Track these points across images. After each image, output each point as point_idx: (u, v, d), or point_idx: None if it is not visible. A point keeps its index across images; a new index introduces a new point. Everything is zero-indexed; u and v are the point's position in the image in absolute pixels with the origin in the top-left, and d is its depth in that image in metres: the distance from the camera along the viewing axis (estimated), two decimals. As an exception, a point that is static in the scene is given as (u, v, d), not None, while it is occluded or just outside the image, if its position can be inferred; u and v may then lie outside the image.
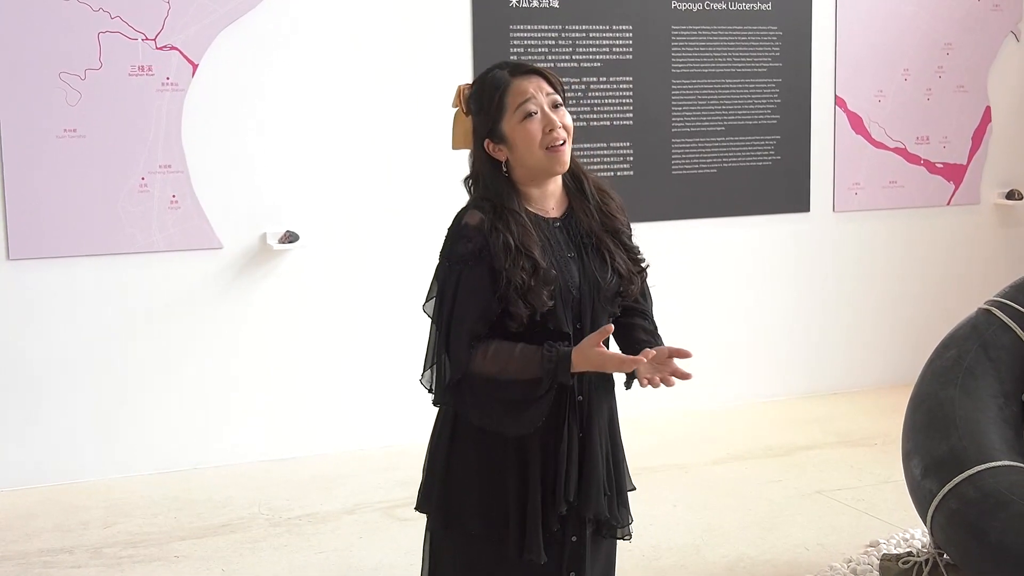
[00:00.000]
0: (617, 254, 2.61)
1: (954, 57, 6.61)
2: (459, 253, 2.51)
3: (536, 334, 2.51)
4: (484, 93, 2.58)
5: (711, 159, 6.15)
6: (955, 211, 6.77)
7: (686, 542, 4.41)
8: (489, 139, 2.57)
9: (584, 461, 2.58)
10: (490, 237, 2.48)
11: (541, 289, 2.47)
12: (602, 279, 2.58)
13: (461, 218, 2.56)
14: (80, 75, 5.03)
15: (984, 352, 3.71)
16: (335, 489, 5.04)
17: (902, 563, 3.78)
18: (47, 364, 5.13)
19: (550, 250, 2.54)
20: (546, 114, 2.54)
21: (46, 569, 4.26)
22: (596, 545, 2.70)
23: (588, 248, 2.60)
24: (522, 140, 2.53)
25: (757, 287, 6.36)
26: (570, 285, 2.54)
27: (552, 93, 2.57)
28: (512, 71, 2.57)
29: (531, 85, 2.55)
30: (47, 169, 5.02)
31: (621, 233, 2.66)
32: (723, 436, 5.75)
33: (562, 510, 2.55)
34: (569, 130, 2.57)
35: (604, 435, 2.65)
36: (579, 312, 2.56)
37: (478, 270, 2.48)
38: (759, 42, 6.18)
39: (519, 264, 2.46)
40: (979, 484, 3.41)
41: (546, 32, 5.73)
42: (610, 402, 2.70)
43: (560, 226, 2.61)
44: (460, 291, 2.49)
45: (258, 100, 5.33)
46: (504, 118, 2.54)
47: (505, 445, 2.56)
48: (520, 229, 2.50)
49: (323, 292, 5.47)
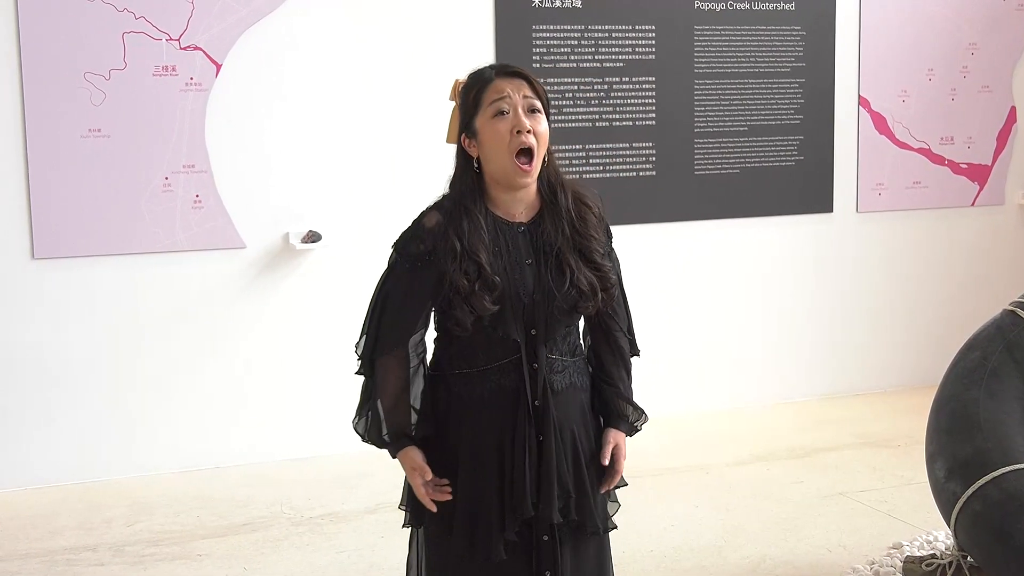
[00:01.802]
0: (579, 269, 2.59)
1: (979, 57, 6.58)
2: (409, 252, 2.58)
3: (485, 340, 2.55)
4: (467, 87, 2.63)
5: (734, 159, 6.13)
6: (979, 212, 6.73)
7: (708, 543, 4.40)
8: (464, 133, 2.61)
9: (540, 466, 2.57)
10: (439, 241, 2.53)
11: (483, 294, 2.49)
12: (557, 290, 2.56)
13: (422, 217, 2.61)
14: (105, 75, 5.06)
15: (1009, 353, 3.69)
16: (356, 488, 5.05)
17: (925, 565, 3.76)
18: (71, 363, 5.15)
19: (504, 255, 2.55)
20: (517, 115, 2.54)
21: (69, 567, 4.28)
22: (582, 544, 2.68)
23: (549, 258, 2.59)
24: (489, 137, 2.55)
25: (780, 288, 6.34)
26: (521, 292, 2.55)
27: (531, 97, 2.57)
28: (498, 70, 2.60)
29: (509, 85, 2.56)
30: (71, 169, 5.04)
31: (591, 251, 2.63)
32: (745, 437, 5.74)
33: (526, 514, 2.55)
34: (541, 138, 2.56)
35: (568, 437, 2.63)
36: (532, 319, 2.56)
37: (422, 274, 2.56)
38: (782, 42, 6.17)
39: (463, 268, 2.50)
40: (1004, 486, 3.40)
41: (569, 32, 5.73)
42: (581, 401, 2.68)
43: (524, 231, 2.61)
44: (400, 286, 2.59)
45: (281, 100, 5.35)
46: (478, 113, 2.57)
47: (456, 448, 2.59)
48: (472, 233, 2.53)
49: (345, 292, 5.47)
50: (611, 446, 2.70)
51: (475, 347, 2.57)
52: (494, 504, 2.56)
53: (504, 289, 2.52)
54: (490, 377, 2.57)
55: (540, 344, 2.57)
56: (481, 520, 2.56)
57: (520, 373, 2.56)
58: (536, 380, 2.57)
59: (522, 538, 2.59)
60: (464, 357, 2.59)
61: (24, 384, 5.10)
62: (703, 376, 6.18)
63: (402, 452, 2.60)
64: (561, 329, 2.61)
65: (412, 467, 2.59)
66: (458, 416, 2.60)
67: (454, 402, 2.61)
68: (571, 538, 2.64)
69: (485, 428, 2.57)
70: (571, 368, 2.65)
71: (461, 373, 2.60)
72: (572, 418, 2.64)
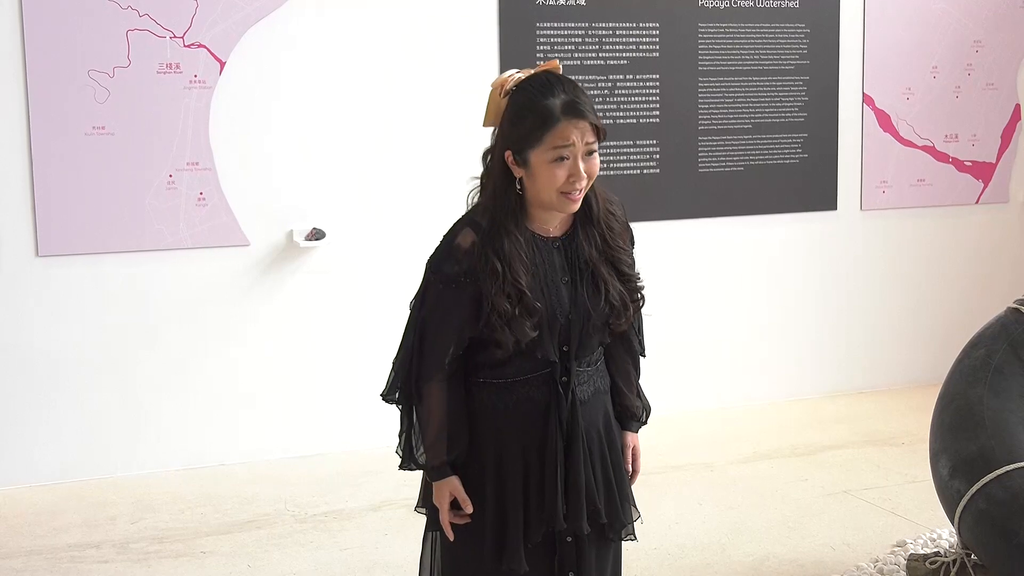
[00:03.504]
0: (611, 284, 2.58)
1: (983, 55, 6.57)
2: (445, 272, 2.52)
3: (522, 361, 2.54)
4: (528, 113, 2.48)
5: (738, 157, 6.13)
6: (984, 209, 6.72)
7: (712, 541, 4.40)
8: (511, 153, 2.51)
9: (568, 477, 2.57)
10: (479, 261, 2.48)
11: (524, 319, 2.47)
12: (593, 308, 2.56)
13: (455, 235, 2.54)
14: (109, 73, 5.06)
15: (1013, 351, 3.69)
16: (361, 486, 5.05)
17: (929, 563, 3.75)
18: (75, 360, 5.16)
19: (541, 275, 2.53)
20: (576, 164, 2.46)
21: (73, 564, 4.28)
22: (603, 546, 2.69)
23: (584, 274, 2.57)
24: (543, 178, 2.47)
25: (784, 285, 6.34)
26: (558, 312, 2.53)
27: (592, 142, 2.48)
28: (565, 110, 2.45)
29: (576, 132, 2.45)
30: (75, 166, 5.05)
31: (621, 263, 2.63)
32: (749, 435, 5.74)
33: (558, 527, 2.56)
34: (593, 176, 2.51)
35: (595, 443, 2.64)
36: (567, 337, 2.55)
37: (459, 293, 2.50)
38: (786, 39, 6.16)
39: (505, 291, 2.46)
40: (1008, 484, 3.39)
41: (573, 30, 5.73)
42: (605, 405, 2.69)
43: (559, 247, 2.58)
44: (439, 309, 2.53)
45: (285, 97, 5.35)
46: (537, 149, 2.46)
47: (484, 456, 2.58)
48: (513, 253, 2.49)
49: (349, 289, 5.48)
50: (630, 449, 2.76)
51: (507, 359, 2.54)
52: (520, 515, 2.56)
53: (542, 312, 2.50)
54: (518, 389, 2.56)
55: (571, 359, 2.56)
56: (510, 531, 2.56)
57: (550, 387, 2.56)
58: (566, 394, 2.56)
59: (545, 539, 2.59)
60: (491, 366, 2.57)
61: (28, 381, 5.11)
62: (707, 374, 6.18)
63: (444, 480, 2.57)
64: (594, 345, 2.61)
65: (451, 494, 2.57)
66: (483, 424, 2.59)
67: (479, 409, 2.59)
68: (595, 541, 2.65)
69: (512, 439, 2.57)
70: (595, 375, 2.65)
71: (487, 382, 2.58)
72: (597, 423, 2.65)
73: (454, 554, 2.65)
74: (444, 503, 2.57)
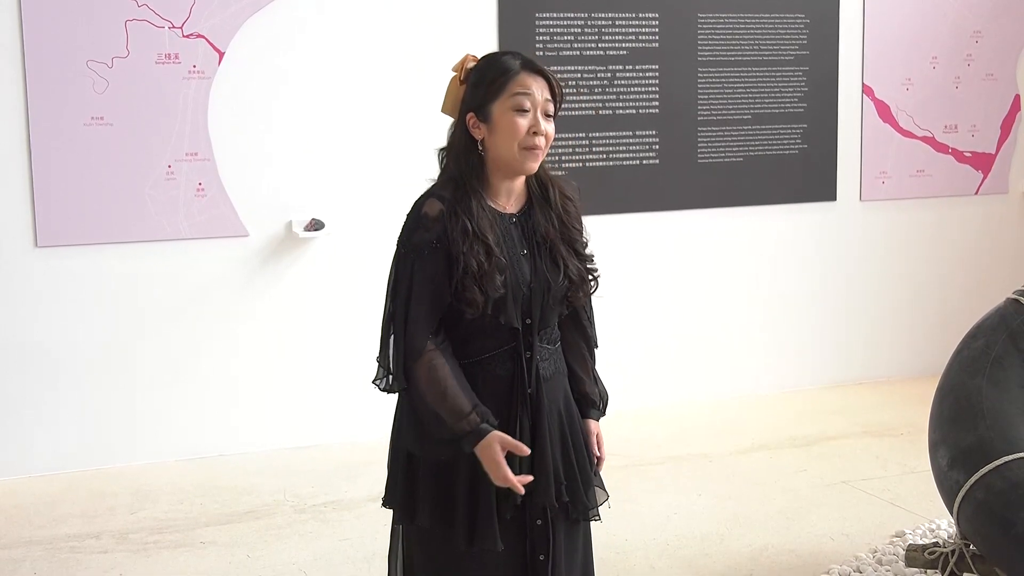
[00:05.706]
0: (569, 260, 2.66)
1: (983, 45, 6.56)
2: (416, 242, 2.55)
3: (481, 329, 2.56)
4: (489, 70, 2.60)
5: (737, 147, 6.13)
6: (983, 200, 6.72)
7: (710, 531, 4.40)
8: (474, 114, 2.60)
9: (534, 452, 2.58)
10: (448, 223, 2.53)
11: (494, 273, 2.51)
12: (553, 281, 2.62)
13: (420, 207, 2.60)
14: (107, 63, 5.05)
15: (1012, 342, 3.68)
16: (359, 476, 5.05)
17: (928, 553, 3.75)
18: (74, 351, 5.16)
19: (503, 243, 2.58)
20: (536, 117, 2.57)
21: (73, 554, 4.29)
22: (573, 528, 2.70)
23: (541, 248, 2.63)
24: (505, 128, 2.56)
25: (783, 276, 6.34)
26: (520, 281, 2.58)
27: (550, 101, 2.61)
28: (524, 64, 2.60)
29: (535, 84, 2.58)
30: (74, 157, 5.04)
31: (577, 243, 2.70)
32: (748, 426, 5.74)
33: (516, 500, 2.56)
34: (549, 140, 2.61)
35: (555, 423, 2.66)
36: (528, 308, 2.60)
37: (434, 259, 2.53)
38: (786, 30, 6.15)
39: (475, 248, 2.51)
40: (1006, 475, 3.39)
41: (572, 20, 5.72)
42: (564, 386, 2.72)
43: (516, 222, 2.64)
44: (416, 280, 2.54)
45: (284, 88, 5.34)
46: (497, 100, 2.57)
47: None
48: (480, 213, 2.55)
49: (348, 280, 5.48)
50: (594, 436, 2.79)
51: (470, 336, 2.58)
52: (492, 493, 2.56)
53: (508, 274, 2.55)
54: (484, 366, 2.59)
55: (534, 333, 2.61)
56: (481, 510, 2.57)
57: (514, 362, 2.59)
58: (530, 368, 2.60)
59: (515, 523, 2.61)
60: (458, 346, 2.59)
61: (27, 372, 5.11)
62: (706, 365, 6.18)
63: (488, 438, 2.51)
64: (554, 318, 2.67)
65: (502, 447, 2.50)
66: None
67: None
68: (563, 523, 2.66)
69: None
70: (555, 355, 2.69)
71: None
72: (558, 402, 2.68)
73: (427, 540, 2.65)
74: (499, 458, 2.50)
